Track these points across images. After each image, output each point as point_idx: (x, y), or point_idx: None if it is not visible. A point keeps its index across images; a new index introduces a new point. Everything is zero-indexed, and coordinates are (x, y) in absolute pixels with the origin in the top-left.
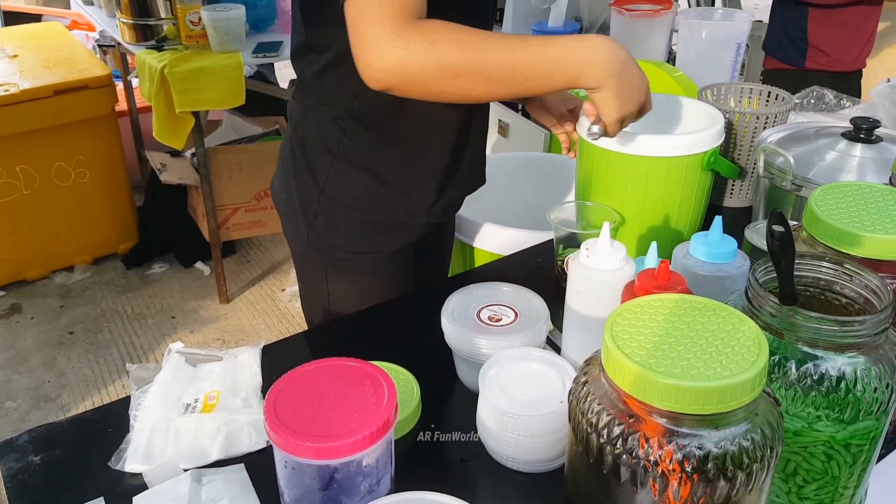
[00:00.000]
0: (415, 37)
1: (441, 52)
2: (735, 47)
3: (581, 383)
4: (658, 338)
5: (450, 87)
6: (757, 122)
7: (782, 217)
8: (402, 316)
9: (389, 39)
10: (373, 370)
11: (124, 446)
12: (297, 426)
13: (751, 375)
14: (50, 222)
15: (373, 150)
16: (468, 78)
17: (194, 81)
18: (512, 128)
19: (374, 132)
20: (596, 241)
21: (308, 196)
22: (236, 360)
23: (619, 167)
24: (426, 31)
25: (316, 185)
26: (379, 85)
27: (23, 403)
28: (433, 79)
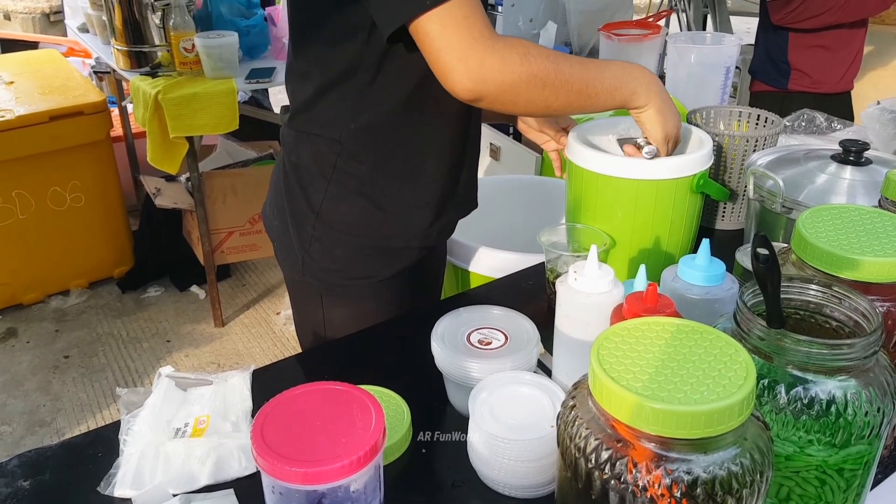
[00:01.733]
0: (508, 48)
1: (534, 63)
2: (724, 71)
3: (569, 407)
4: (645, 361)
5: (538, 96)
6: (747, 145)
7: (766, 240)
8: (393, 339)
9: (485, 51)
10: (360, 394)
11: (114, 471)
12: (284, 451)
13: (738, 399)
14: (46, 247)
15: (369, 173)
16: (553, 88)
17: (188, 107)
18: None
19: (370, 155)
20: (584, 264)
21: (303, 221)
22: (226, 384)
23: (609, 190)
24: (517, 45)
25: (311, 211)
26: (472, 94)
27: (17, 428)
28: (525, 87)
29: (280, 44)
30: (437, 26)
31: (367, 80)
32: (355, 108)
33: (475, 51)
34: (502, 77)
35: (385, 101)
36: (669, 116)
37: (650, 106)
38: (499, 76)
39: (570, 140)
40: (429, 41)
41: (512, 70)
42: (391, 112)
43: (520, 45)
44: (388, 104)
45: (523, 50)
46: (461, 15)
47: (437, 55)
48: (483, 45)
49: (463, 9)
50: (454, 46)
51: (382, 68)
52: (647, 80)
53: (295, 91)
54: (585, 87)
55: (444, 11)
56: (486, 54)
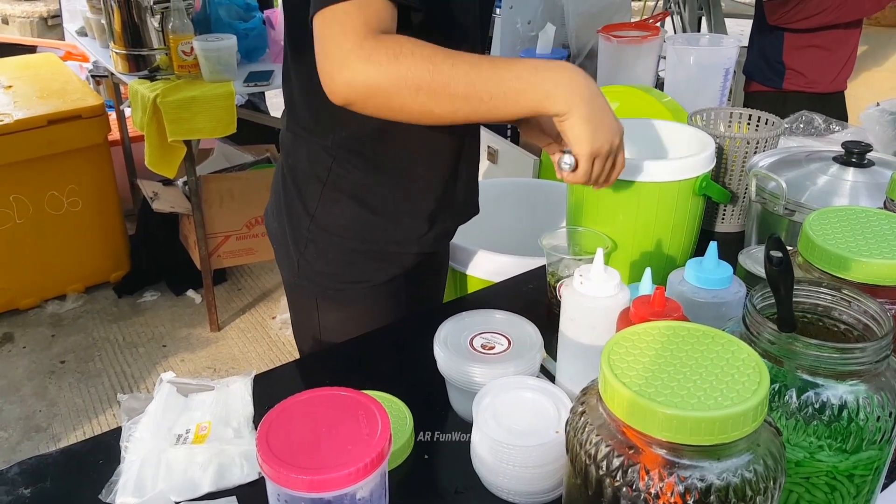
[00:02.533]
0: (378, 49)
1: (404, 64)
2: (723, 73)
3: (578, 413)
4: (657, 366)
5: (412, 102)
6: (748, 147)
7: (780, 242)
8: (394, 344)
9: (352, 51)
10: (366, 400)
11: (115, 478)
12: (289, 458)
13: (753, 404)
14: (42, 251)
15: (362, 178)
16: (430, 93)
17: (186, 111)
18: (501, 154)
19: (363, 160)
20: (590, 267)
21: (298, 224)
22: (228, 389)
23: (611, 192)
24: (390, 44)
25: (306, 214)
26: (340, 98)
27: (14, 433)
28: (395, 92)
29: (278, 47)
30: (318, 22)
31: None
32: (345, 116)
33: (341, 49)
34: (367, 81)
35: None
36: (599, 127)
37: (572, 112)
38: (362, 79)
39: None
40: (315, 40)
41: (377, 72)
42: (380, 122)
43: (392, 45)
44: None
45: (394, 50)
46: (342, 11)
47: (316, 54)
48: (353, 44)
49: (347, 6)
50: (328, 45)
51: None
52: (569, 81)
53: (289, 95)
54: (474, 90)
55: (329, 12)
56: (353, 53)
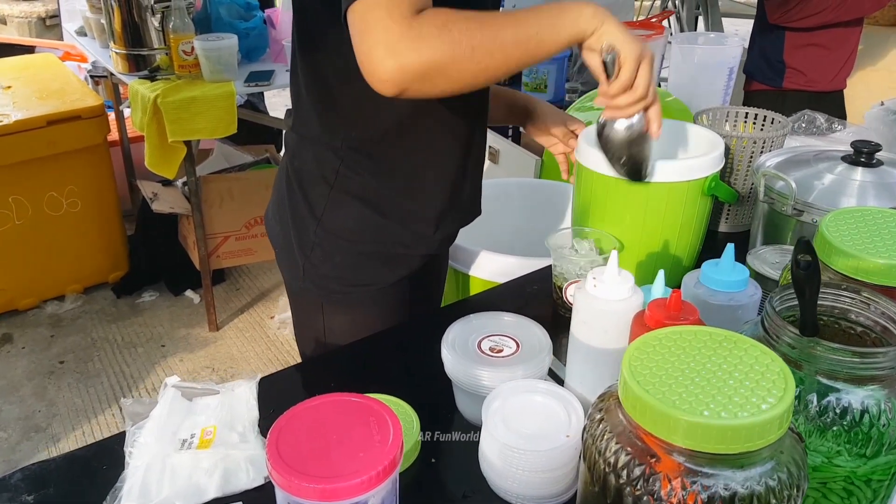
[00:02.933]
0: (424, 25)
1: (454, 29)
2: (727, 72)
3: (596, 420)
4: (679, 373)
5: (469, 63)
6: (754, 147)
7: (810, 246)
8: (398, 347)
9: (402, 34)
10: (377, 406)
11: (119, 485)
12: (300, 466)
13: (779, 412)
14: (41, 252)
15: (371, 180)
16: (484, 49)
17: (186, 111)
18: (502, 154)
19: (372, 162)
20: (603, 269)
21: (304, 228)
22: (232, 393)
23: (619, 193)
24: (432, 17)
25: (313, 217)
26: (396, 88)
27: (13, 434)
28: (451, 59)
29: (279, 46)
30: (357, 16)
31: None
32: (355, 116)
33: (389, 35)
34: (421, 57)
35: (386, 110)
36: (634, 38)
37: (606, 23)
38: (417, 57)
39: (579, 142)
40: (353, 31)
41: (430, 45)
42: (392, 122)
43: (434, 16)
44: (390, 114)
45: (440, 19)
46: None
47: (359, 44)
48: (399, 27)
49: None
50: (370, 35)
51: None
52: (591, 4)
53: (297, 95)
54: (521, 33)
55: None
56: (403, 37)
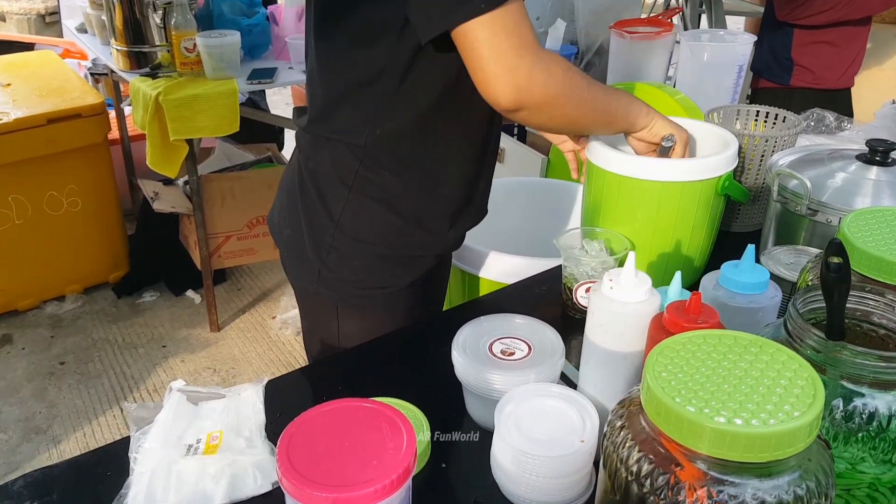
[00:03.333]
0: (553, 61)
1: (573, 79)
2: (737, 69)
3: (617, 427)
4: (704, 378)
5: (572, 111)
6: (766, 145)
7: (842, 248)
8: (407, 349)
9: (534, 62)
10: (390, 412)
11: (124, 491)
12: (312, 474)
13: (809, 419)
14: (41, 252)
15: (392, 179)
16: (584, 106)
17: (189, 109)
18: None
19: (394, 163)
20: (620, 271)
21: (321, 231)
22: (239, 397)
23: (631, 192)
24: (559, 59)
25: (330, 220)
26: (515, 104)
27: (13, 435)
28: (563, 102)
29: (282, 43)
30: (487, 32)
31: (393, 85)
32: (379, 113)
33: (524, 59)
34: (546, 90)
35: (410, 107)
36: (678, 125)
37: (656, 119)
38: (543, 89)
39: (590, 141)
40: (476, 47)
41: (556, 83)
42: (416, 118)
43: (562, 60)
44: (414, 110)
45: (565, 64)
46: (513, 22)
47: (484, 63)
48: (532, 56)
49: (514, 15)
50: (503, 54)
51: (409, 73)
52: (643, 103)
53: (315, 93)
54: (607, 106)
55: (496, 17)
56: (535, 65)
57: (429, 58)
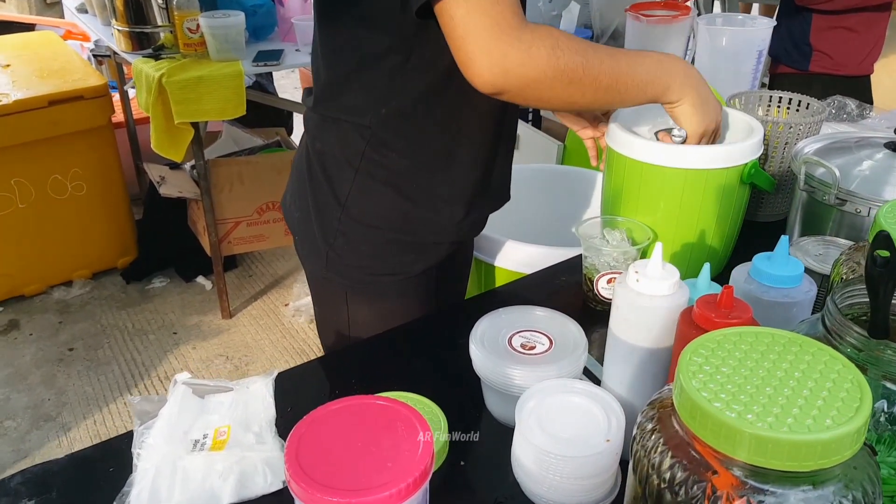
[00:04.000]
0: (536, 40)
1: (562, 57)
2: (756, 54)
3: (648, 430)
4: (742, 379)
5: (563, 92)
6: (790, 132)
7: (890, 241)
8: (424, 341)
9: (510, 42)
10: (405, 409)
11: (127, 489)
12: (322, 477)
13: (856, 426)
14: (47, 236)
15: (399, 163)
16: (580, 85)
17: (193, 91)
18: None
19: (400, 143)
20: (646, 262)
21: (328, 214)
22: (248, 390)
23: (654, 180)
24: (545, 36)
25: (337, 203)
26: (493, 87)
27: (22, 422)
28: (549, 84)
29: (288, 24)
30: (462, 10)
31: (400, 61)
32: (386, 91)
33: (499, 41)
34: (526, 71)
35: (418, 84)
36: (706, 110)
37: (684, 101)
38: (522, 70)
39: (610, 126)
40: (452, 26)
41: (537, 65)
42: (424, 96)
43: (548, 37)
44: (421, 88)
45: (551, 42)
46: (489, 1)
47: (460, 43)
48: (509, 36)
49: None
50: (478, 34)
51: (415, 49)
52: (683, 72)
53: (320, 72)
54: (615, 82)
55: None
56: (511, 46)
57: (434, 35)
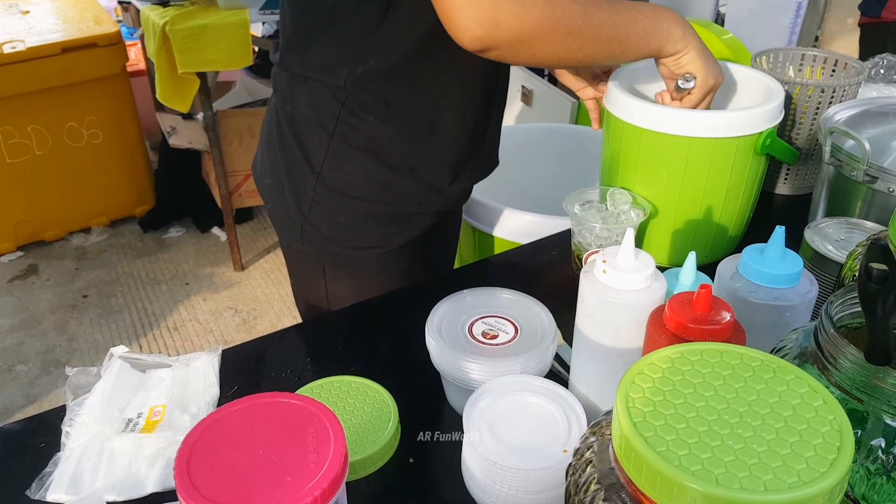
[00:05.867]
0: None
1: (558, 8)
2: (795, 7)
3: (584, 461)
4: (696, 414)
5: (559, 47)
6: (822, 96)
7: (888, 251)
8: (385, 318)
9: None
10: (317, 410)
11: (50, 469)
12: (212, 493)
13: (828, 485)
14: (64, 183)
15: (378, 129)
16: (579, 38)
17: (197, 40)
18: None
19: (380, 107)
20: (616, 250)
21: (301, 183)
22: (188, 367)
23: (654, 148)
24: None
25: (311, 171)
26: (480, 43)
27: (33, 367)
28: (545, 37)
29: None
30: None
31: (377, 15)
32: (361, 49)
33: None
34: (520, 24)
35: (397, 41)
36: (712, 61)
37: (689, 47)
38: (515, 22)
39: (609, 87)
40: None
41: (532, 14)
42: (404, 56)
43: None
44: (401, 46)
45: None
46: None
47: None
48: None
49: None
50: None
51: (394, 2)
52: (682, 21)
53: (287, 25)
54: (616, 33)
55: None
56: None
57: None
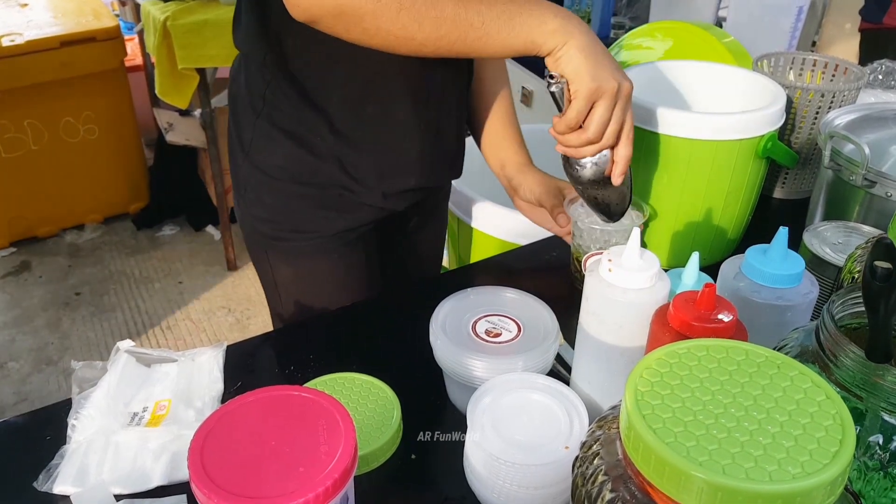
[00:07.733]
0: None
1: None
2: (795, 11)
3: (591, 454)
4: (702, 407)
5: (391, 24)
6: (821, 101)
7: (892, 249)
8: (386, 316)
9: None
10: (328, 403)
11: (56, 461)
12: (226, 482)
13: (830, 476)
14: (60, 179)
15: (297, 110)
16: (413, 12)
17: (198, 36)
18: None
19: (297, 88)
20: (621, 249)
21: (235, 162)
22: (193, 362)
23: (655, 151)
24: None
25: (241, 150)
26: (306, 13)
27: (25, 364)
28: (370, 10)
29: None
30: None
31: None
32: (278, 26)
33: None
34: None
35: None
36: (602, 64)
37: (569, 44)
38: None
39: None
40: None
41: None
42: (314, 42)
43: None
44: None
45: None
46: None
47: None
48: None
49: None
50: None
51: None
52: (565, 14)
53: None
54: (464, 12)
55: None
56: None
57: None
